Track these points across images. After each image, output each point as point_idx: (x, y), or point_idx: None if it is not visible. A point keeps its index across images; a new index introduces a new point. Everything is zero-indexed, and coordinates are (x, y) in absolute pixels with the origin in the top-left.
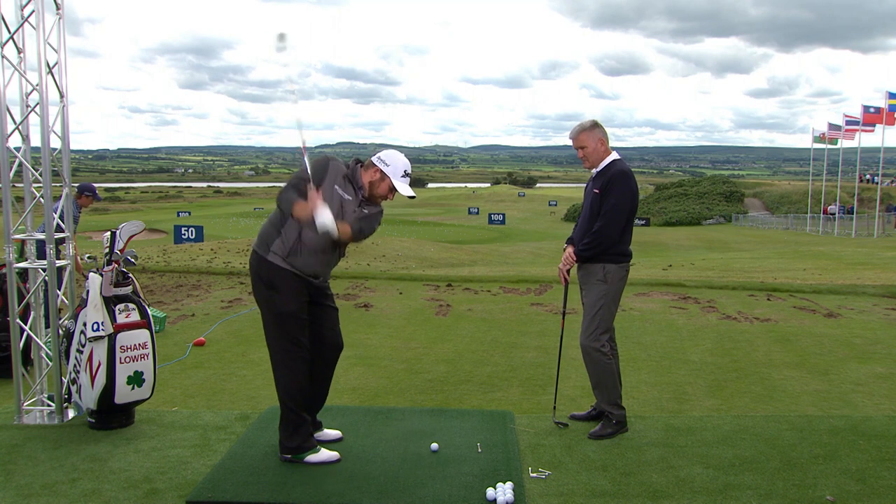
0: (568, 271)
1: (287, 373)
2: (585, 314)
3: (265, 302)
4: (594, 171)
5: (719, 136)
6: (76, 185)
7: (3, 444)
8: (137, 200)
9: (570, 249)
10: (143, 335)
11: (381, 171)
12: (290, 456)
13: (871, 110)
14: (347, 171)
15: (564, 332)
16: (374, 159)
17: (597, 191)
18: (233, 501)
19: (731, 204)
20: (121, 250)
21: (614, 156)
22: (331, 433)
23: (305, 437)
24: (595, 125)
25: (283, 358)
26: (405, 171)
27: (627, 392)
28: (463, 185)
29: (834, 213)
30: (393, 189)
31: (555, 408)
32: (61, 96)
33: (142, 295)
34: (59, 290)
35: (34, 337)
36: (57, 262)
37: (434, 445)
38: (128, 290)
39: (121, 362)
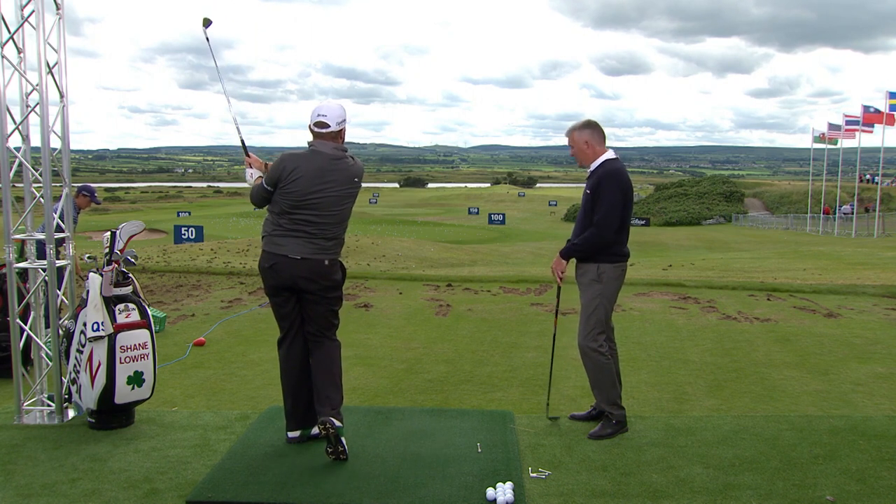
0: (563, 271)
1: None
2: (581, 314)
3: (340, 295)
4: (588, 170)
5: (719, 136)
6: (76, 185)
7: (3, 444)
8: (137, 200)
9: (558, 255)
10: (143, 335)
11: (346, 127)
12: (340, 425)
13: (871, 110)
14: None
15: (563, 332)
16: (334, 125)
17: (588, 191)
18: (233, 501)
19: (731, 204)
20: (121, 250)
21: (608, 155)
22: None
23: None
24: (585, 126)
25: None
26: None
27: (627, 392)
28: (463, 185)
29: (847, 213)
30: None
31: (548, 404)
32: (61, 96)
33: (142, 295)
34: (59, 290)
35: (34, 337)
36: (57, 262)
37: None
38: (128, 290)
39: (121, 362)
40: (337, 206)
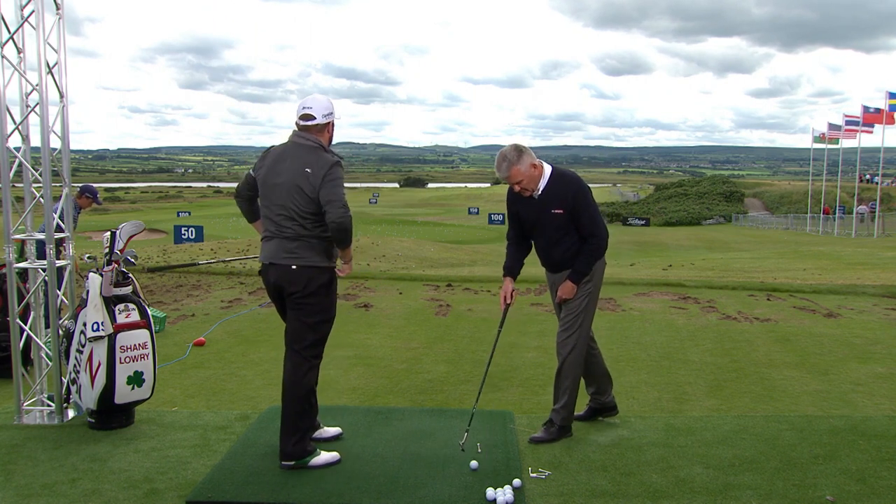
0: (508, 296)
1: (316, 375)
2: (567, 313)
3: (330, 305)
4: (537, 192)
5: (720, 136)
6: (76, 185)
7: (3, 444)
8: (137, 200)
9: (569, 283)
10: (143, 335)
11: (333, 122)
12: (293, 462)
13: (871, 110)
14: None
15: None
16: (320, 117)
17: (560, 210)
18: (233, 501)
19: (731, 204)
20: (121, 250)
21: (548, 167)
22: (330, 430)
23: (308, 442)
24: (521, 151)
25: (318, 363)
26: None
27: (627, 392)
28: (463, 185)
29: (863, 213)
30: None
31: (477, 400)
32: (61, 96)
33: (142, 295)
34: (59, 290)
35: (34, 337)
36: (57, 262)
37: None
38: (128, 290)
39: (121, 362)
40: (286, 197)
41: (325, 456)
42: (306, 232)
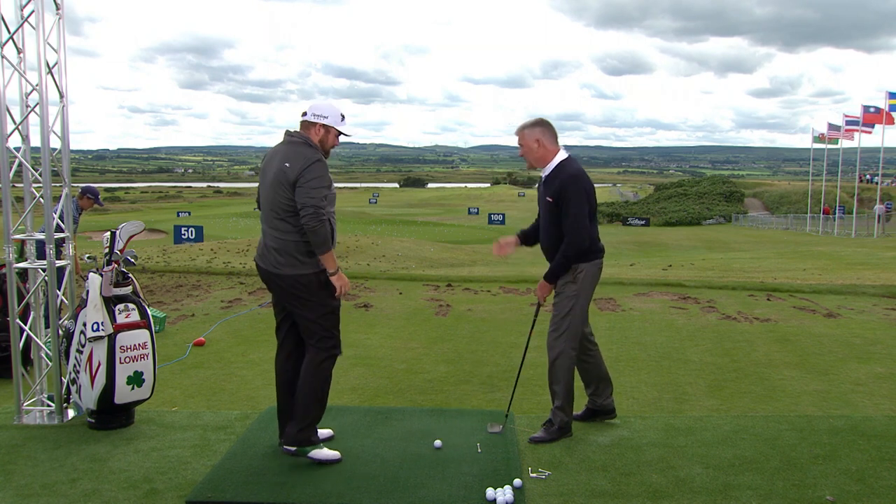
0: (502, 245)
1: (331, 365)
2: (554, 315)
3: (326, 298)
4: (543, 173)
5: (720, 136)
6: (76, 185)
7: (3, 444)
8: (137, 200)
9: (542, 282)
10: (142, 335)
11: (323, 125)
12: (294, 448)
13: (871, 110)
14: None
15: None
16: (310, 118)
17: (550, 199)
18: (233, 501)
19: (731, 204)
20: (121, 250)
21: (562, 156)
22: (322, 432)
23: (314, 433)
24: (536, 123)
25: (336, 353)
26: (342, 115)
27: (627, 392)
28: (463, 185)
29: (880, 213)
30: (338, 134)
31: (511, 400)
32: (61, 96)
33: (142, 295)
34: (59, 290)
35: (34, 337)
36: (57, 262)
37: (437, 442)
38: (128, 290)
39: (121, 362)
40: (272, 194)
41: (326, 451)
42: (292, 237)
